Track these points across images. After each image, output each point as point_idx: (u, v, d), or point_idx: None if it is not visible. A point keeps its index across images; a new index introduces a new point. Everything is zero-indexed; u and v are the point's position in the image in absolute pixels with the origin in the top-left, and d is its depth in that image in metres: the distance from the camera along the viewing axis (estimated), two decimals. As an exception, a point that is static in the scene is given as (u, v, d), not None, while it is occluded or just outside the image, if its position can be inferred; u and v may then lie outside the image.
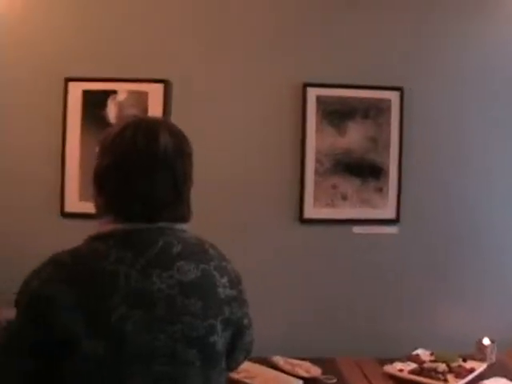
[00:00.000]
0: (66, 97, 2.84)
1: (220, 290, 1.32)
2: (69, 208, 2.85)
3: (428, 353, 2.72)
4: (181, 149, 1.33)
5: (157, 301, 1.23)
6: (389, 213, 2.85)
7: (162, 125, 1.34)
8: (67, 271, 1.22)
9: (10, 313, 1.71)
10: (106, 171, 1.31)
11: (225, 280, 1.34)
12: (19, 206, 2.88)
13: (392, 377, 2.53)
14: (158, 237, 1.28)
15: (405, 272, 2.88)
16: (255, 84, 2.83)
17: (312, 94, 2.80)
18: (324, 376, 2.51)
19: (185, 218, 1.35)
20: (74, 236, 2.75)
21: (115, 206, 1.30)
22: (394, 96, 2.83)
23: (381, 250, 2.87)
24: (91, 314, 1.19)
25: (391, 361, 2.62)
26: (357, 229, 2.85)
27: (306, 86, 2.81)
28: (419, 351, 2.73)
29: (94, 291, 1.20)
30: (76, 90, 2.83)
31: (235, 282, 1.37)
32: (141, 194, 1.28)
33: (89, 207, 2.77)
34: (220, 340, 1.30)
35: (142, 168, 1.28)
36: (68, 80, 2.84)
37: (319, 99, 2.81)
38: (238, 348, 1.42)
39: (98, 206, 1.37)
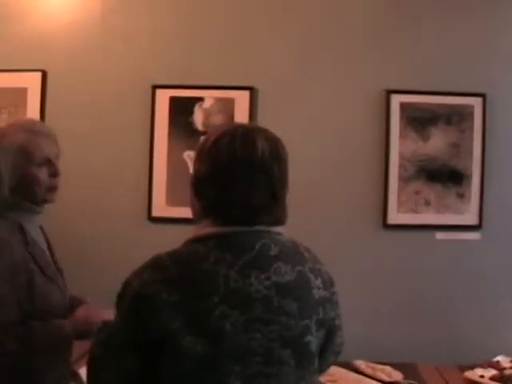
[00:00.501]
0: (153, 104, 2.90)
1: (314, 291, 1.34)
2: (156, 212, 2.91)
3: (509, 359, 2.72)
4: (277, 154, 1.35)
5: (254, 301, 1.25)
6: (471, 219, 2.86)
7: (259, 131, 1.37)
8: (167, 272, 1.26)
9: (105, 313, 1.77)
10: (204, 178, 1.33)
11: (319, 282, 1.36)
12: (108, 211, 2.94)
13: (473, 383, 2.53)
14: (255, 239, 1.30)
15: (487, 278, 2.89)
16: (339, 90, 2.88)
17: (396, 100, 2.84)
18: (405, 381, 2.52)
19: (281, 221, 1.37)
20: (161, 240, 2.83)
21: (214, 210, 1.33)
22: (476, 102, 2.85)
23: (463, 255, 2.87)
24: (191, 313, 1.22)
25: (471, 367, 2.63)
26: (439, 235, 2.86)
27: (389, 92, 2.84)
28: (500, 358, 2.72)
29: (194, 291, 1.24)
30: (163, 97, 2.90)
31: (328, 284, 1.39)
32: (239, 199, 1.30)
33: (176, 212, 2.88)
34: (314, 340, 1.32)
35: (240, 174, 1.31)
36: (155, 87, 2.90)
37: (403, 106, 2.84)
38: (329, 349, 1.45)
39: (195, 210, 1.41)
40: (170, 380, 1.26)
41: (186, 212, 2.82)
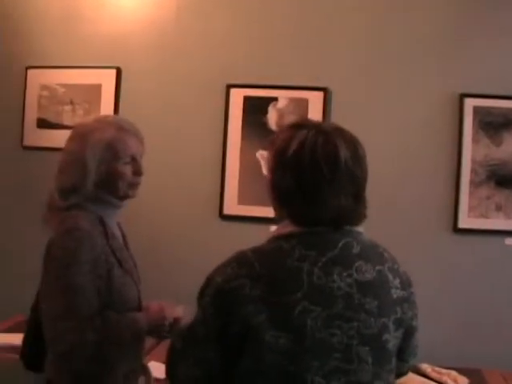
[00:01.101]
0: (227, 103, 2.94)
1: (393, 290, 1.35)
2: (227, 211, 2.95)
3: None
4: (358, 156, 1.36)
5: (336, 298, 1.27)
6: (541, 225, 2.86)
7: (337, 135, 1.36)
8: (252, 268, 1.28)
9: (177, 310, 1.82)
10: (287, 190, 1.34)
11: (397, 282, 1.37)
12: (180, 208, 2.99)
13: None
14: (339, 238, 1.33)
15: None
16: (411, 93, 2.89)
17: (469, 104, 2.84)
18: (472, 387, 2.52)
19: (362, 220, 1.39)
20: (232, 237, 2.88)
21: (298, 216, 1.34)
22: (550, 107, 2.84)
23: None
24: (274, 307, 1.25)
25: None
26: (509, 240, 2.86)
27: (463, 96, 2.85)
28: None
29: (278, 286, 1.27)
30: (238, 97, 2.94)
31: (406, 284, 1.41)
32: (325, 205, 1.32)
33: (247, 210, 2.92)
34: (392, 339, 1.33)
35: (325, 183, 1.32)
36: (230, 86, 2.94)
37: (476, 110, 2.85)
38: (408, 350, 1.46)
39: (278, 212, 1.42)
40: (250, 373, 1.29)
41: (257, 211, 2.92)
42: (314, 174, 1.32)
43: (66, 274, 1.60)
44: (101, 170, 1.73)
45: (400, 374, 1.48)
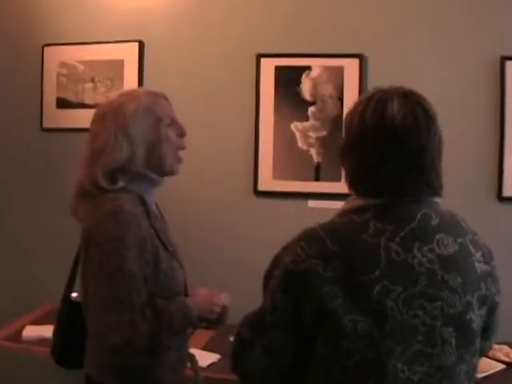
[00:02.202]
0: (258, 74, 2.82)
1: (476, 264, 1.25)
2: (262, 186, 2.85)
3: None
4: (435, 127, 1.26)
5: (418, 276, 1.18)
6: None
7: (416, 102, 1.28)
8: (322, 245, 1.19)
9: (224, 298, 1.72)
10: (354, 152, 1.27)
11: (479, 255, 1.27)
12: (214, 185, 2.88)
13: None
14: (416, 209, 1.23)
15: None
16: (450, 56, 2.77)
17: (510, 66, 2.73)
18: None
19: (439, 190, 1.28)
20: (267, 214, 2.78)
21: (368, 182, 1.25)
22: None
23: None
24: (351, 288, 1.15)
25: None
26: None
27: (504, 59, 2.73)
28: None
29: (353, 265, 1.17)
30: (268, 67, 2.82)
31: (488, 257, 1.31)
32: (392, 172, 1.23)
33: (282, 186, 2.81)
34: (476, 319, 1.23)
35: (391, 145, 1.23)
36: (260, 56, 2.82)
37: (518, 73, 2.74)
38: (490, 328, 1.36)
39: (349, 183, 1.33)
40: (325, 361, 1.19)
41: (293, 186, 2.81)
42: (390, 142, 1.24)
43: (113, 260, 1.49)
44: (147, 138, 1.62)
45: (482, 354, 1.39)
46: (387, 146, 1.23)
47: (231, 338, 2.43)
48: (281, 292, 1.22)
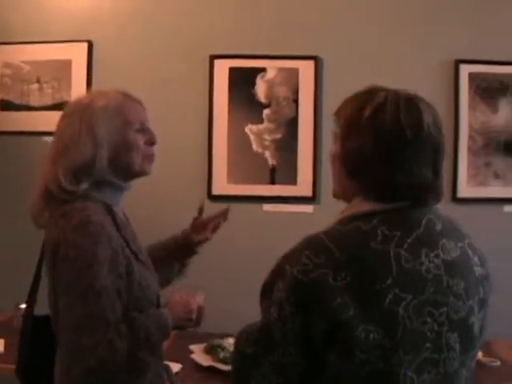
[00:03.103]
0: (211, 75, 2.75)
1: (475, 268, 1.25)
2: (216, 191, 2.77)
3: None
4: (439, 124, 1.22)
5: (426, 282, 1.15)
6: (539, 191, 2.81)
7: (420, 100, 1.23)
8: (330, 254, 1.13)
9: (198, 299, 1.65)
10: (366, 155, 1.19)
11: (476, 258, 1.26)
12: (167, 190, 2.79)
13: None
14: (421, 215, 1.19)
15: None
16: (406, 60, 2.78)
17: (464, 70, 2.75)
18: (487, 358, 2.44)
19: (442, 196, 1.24)
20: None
21: (376, 188, 1.20)
22: (544, 72, 2.78)
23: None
24: (362, 297, 1.11)
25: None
26: (508, 207, 2.80)
27: (458, 62, 2.75)
28: None
29: (364, 274, 1.12)
30: (222, 68, 2.76)
31: (483, 261, 1.29)
32: (410, 173, 1.18)
33: (237, 190, 2.74)
34: (476, 322, 1.23)
35: (408, 147, 1.18)
36: (214, 57, 2.75)
37: (471, 76, 2.76)
38: (483, 330, 1.33)
39: (345, 188, 1.26)
40: (336, 373, 1.14)
41: (247, 189, 2.75)
42: (396, 135, 1.17)
43: (84, 278, 1.39)
44: (113, 140, 1.52)
45: None
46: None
47: (191, 347, 2.38)
48: (290, 304, 1.14)
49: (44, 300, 1.60)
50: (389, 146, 1.18)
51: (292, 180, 2.74)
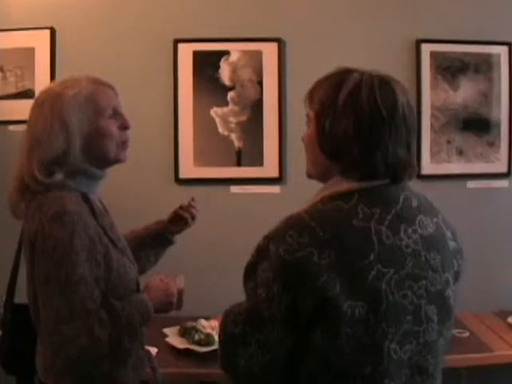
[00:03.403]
0: (175, 59, 2.76)
1: (449, 242, 1.30)
2: (183, 174, 2.79)
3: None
4: (411, 105, 1.26)
5: (405, 257, 1.19)
6: (501, 167, 2.86)
7: (393, 80, 1.27)
8: (313, 233, 1.16)
9: (178, 282, 1.68)
10: (344, 135, 1.22)
11: (449, 233, 1.31)
12: (133, 174, 2.78)
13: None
14: (398, 192, 1.23)
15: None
16: (369, 40, 2.81)
17: (426, 49, 2.80)
18: (456, 330, 2.49)
19: (415, 173, 1.29)
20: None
21: (354, 167, 1.23)
22: (502, 51, 2.84)
23: (493, 203, 2.89)
24: (347, 274, 1.15)
25: (505, 314, 2.65)
26: (471, 183, 2.86)
27: (419, 42, 2.79)
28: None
29: (349, 251, 1.16)
30: (186, 52, 2.76)
31: (455, 235, 1.34)
32: (386, 151, 1.21)
33: (204, 172, 2.75)
34: (451, 294, 1.27)
35: (384, 125, 1.21)
36: (177, 41, 2.76)
37: (433, 55, 2.80)
38: (455, 302, 1.38)
39: (321, 168, 1.29)
40: (321, 349, 1.17)
41: (214, 172, 2.77)
42: (373, 115, 1.20)
43: (62, 269, 1.39)
44: (84, 129, 1.51)
45: None
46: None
47: (164, 330, 2.38)
48: (277, 284, 1.16)
49: (22, 290, 1.62)
50: (366, 126, 1.21)
51: (258, 162, 2.76)
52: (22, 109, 2.79)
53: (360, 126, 1.21)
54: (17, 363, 1.69)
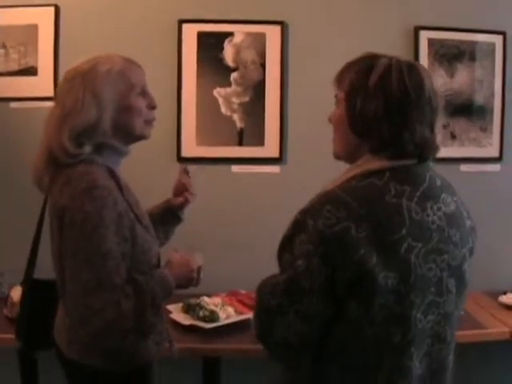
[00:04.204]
0: (180, 40, 2.79)
1: (466, 220, 1.39)
2: (186, 153, 2.83)
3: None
4: (435, 89, 1.36)
5: (431, 232, 1.28)
6: (493, 151, 2.96)
7: (419, 65, 1.37)
8: (350, 208, 1.23)
9: (197, 259, 1.74)
10: (375, 115, 1.30)
11: (465, 212, 1.41)
12: (136, 152, 2.80)
13: (508, 307, 2.67)
14: (424, 171, 1.32)
15: (506, 206, 2.99)
16: (368, 26, 2.87)
17: (424, 36, 2.87)
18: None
19: (437, 152, 1.38)
20: (193, 181, 2.75)
21: (385, 146, 1.31)
22: (497, 39, 2.92)
23: (485, 186, 2.97)
24: (381, 247, 1.22)
25: (495, 294, 2.76)
26: (464, 167, 2.95)
27: (417, 29, 2.86)
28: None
29: (383, 225, 1.24)
30: (191, 33, 2.80)
31: (469, 214, 1.44)
32: (414, 131, 1.29)
33: (206, 151, 2.81)
34: (467, 269, 1.36)
35: (413, 107, 1.30)
36: (182, 22, 2.79)
37: (430, 42, 2.87)
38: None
39: (351, 148, 1.38)
40: (356, 319, 1.24)
41: (216, 151, 2.82)
42: (403, 98, 1.28)
43: (91, 242, 1.42)
44: (115, 104, 1.55)
45: None
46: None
47: (168, 307, 2.42)
48: (317, 256, 1.22)
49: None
50: (396, 107, 1.29)
51: (259, 142, 2.82)
52: (24, 86, 2.84)
53: (390, 106, 1.29)
54: (36, 338, 1.73)
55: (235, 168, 2.84)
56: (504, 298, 2.71)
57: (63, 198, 1.47)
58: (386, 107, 1.29)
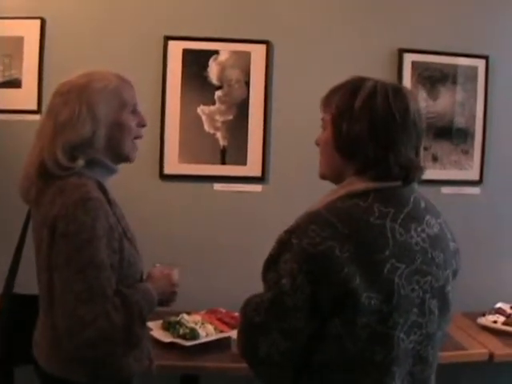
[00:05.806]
0: (165, 56, 2.80)
1: (449, 243, 1.41)
2: (168, 170, 2.82)
3: (509, 305, 2.86)
4: (421, 112, 1.38)
5: (415, 254, 1.30)
6: (473, 174, 2.99)
7: (404, 88, 1.39)
8: (334, 228, 1.25)
9: (175, 274, 1.73)
10: (360, 137, 1.32)
11: (449, 234, 1.43)
12: (119, 167, 2.80)
13: (486, 328, 2.68)
14: (409, 193, 1.34)
15: (486, 230, 3.02)
16: (353, 48, 2.90)
17: (408, 59, 2.90)
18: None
19: (422, 175, 1.40)
20: (173, 198, 2.76)
21: (370, 168, 1.32)
22: (480, 63, 2.96)
23: (465, 209, 3.00)
24: (365, 267, 1.24)
25: (477, 315, 2.76)
26: (445, 189, 2.97)
27: (401, 51, 2.90)
28: (500, 304, 2.86)
29: (366, 246, 1.25)
30: (176, 50, 2.80)
31: (453, 236, 1.46)
32: (397, 155, 1.31)
33: (188, 169, 2.80)
34: (451, 290, 1.38)
35: (398, 129, 1.31)
36: (168, 38, 2.80)
37: (414, 65, 2.91)
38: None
39: (337, 170, 1.39)
40: (338, 336, 1.25)
41: (199, 169, 2.81)
42: (388, 120, 1.30)
43: (84, 251, 1.42)
44: (108, 120, 1.56)
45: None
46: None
47: (148, 324, 2.39)
48: (302, 274, 1.23)
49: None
50: (381, 130, 1.31)
51: (242, 160, 2.82)
52: (8, 98, 2.82)
53: (375, 128, 1.31)
54: (15, 353, 1.72)
55: (217, 186, 2.84)
56: (483, 320, 2.72)
57: (55, 208, 1.47)
58: (371, 129, 1.31)
